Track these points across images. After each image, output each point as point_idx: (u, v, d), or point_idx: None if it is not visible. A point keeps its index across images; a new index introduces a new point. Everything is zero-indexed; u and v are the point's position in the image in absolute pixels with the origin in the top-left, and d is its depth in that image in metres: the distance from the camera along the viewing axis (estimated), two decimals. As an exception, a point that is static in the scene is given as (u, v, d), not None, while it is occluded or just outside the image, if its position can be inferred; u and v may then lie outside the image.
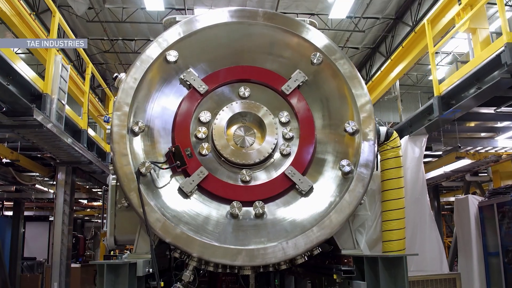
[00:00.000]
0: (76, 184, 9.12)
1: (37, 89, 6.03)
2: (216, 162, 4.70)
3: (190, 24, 4.76)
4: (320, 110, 4.99)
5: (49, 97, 6.15)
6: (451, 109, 6.28)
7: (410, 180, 7.18)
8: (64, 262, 7.89)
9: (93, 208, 13.63)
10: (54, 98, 6.27)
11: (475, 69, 5.83)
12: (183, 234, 4.22)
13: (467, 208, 8.57)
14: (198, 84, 4.66)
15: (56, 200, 7.97)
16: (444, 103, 6.60)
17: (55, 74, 6.33)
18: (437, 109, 6.58)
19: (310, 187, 4.66)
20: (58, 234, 7.94)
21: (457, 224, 9.00)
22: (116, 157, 4.30)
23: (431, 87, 22.54)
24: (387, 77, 15.39)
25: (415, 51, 12.75)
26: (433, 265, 7.17)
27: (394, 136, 5.63)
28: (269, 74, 4.89)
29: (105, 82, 21.38)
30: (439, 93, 6.65)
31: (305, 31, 4.90)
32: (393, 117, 23.95)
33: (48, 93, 6.11)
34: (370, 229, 5.87)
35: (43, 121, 5.82)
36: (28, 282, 12.05)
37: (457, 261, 11.50)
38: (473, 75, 5.92)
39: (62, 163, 8.03)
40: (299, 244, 4.39)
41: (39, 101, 6.08)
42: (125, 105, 4.39)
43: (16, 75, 5.52)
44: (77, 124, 7.72)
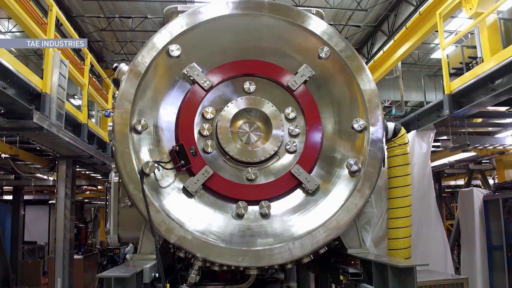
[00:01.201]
0: (76, 172, 8.98)
1: (36, 89, 5.83)
2: (220, 159, 4.59)
3: (193, 17, 4.52)
4: (326, 106, 4.84)
5: (49, 96, 5.95)
6: (462, 109, 6.12)
7: (417, 176, 7.08)
8: (67, 257, 7.85)
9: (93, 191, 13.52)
10: (54, 96, 6.06)
11: (490, 71, 5.64)
12: (188, 235, 4.15)
13: (472, 201, 8.54)
14: (201, 79, 4.47)
15: (57, 195, 7.85)
16: (454, 101, 6.44)
17: (53, 72, 6.10)
18: (447, 107, 6.41)
19: (317, 186, 4.58)
20: (60, 228, 7.86)
21: (461, 216, 8.98)
22: (119, 157, 4.17)
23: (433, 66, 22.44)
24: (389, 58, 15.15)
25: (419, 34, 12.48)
26: (438, 262, 7.17)
27: (402, 132, 5.51)
28: (275, 69, 4.70)
29: (102, 59, 21.09)
30: (449, 91, 6.47)
31: (312, 23, 4.68)
32: (394, 95, 23.79)
33: (47, 92, 5.91)
34: (376, 226, 5.83)
35: (44, 123, 5.64)
36: (30, 268, 12.08)
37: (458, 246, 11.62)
38: (487, 77, 5.73)
39: (63, 157, 7.87)
40: (306, 245, 4.36)
41: (38, 101, 5.88)
42: (127, 102, 4.23)
43: (13, 77, 5.30)
44: (76, 118, 7.52)
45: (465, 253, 8.81)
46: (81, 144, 7.20)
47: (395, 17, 17.64)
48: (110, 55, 20.75)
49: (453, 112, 6.33)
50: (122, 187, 4.60)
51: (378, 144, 4.63)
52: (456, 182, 14.16)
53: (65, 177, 8.03)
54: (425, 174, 7.26)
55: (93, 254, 9.62)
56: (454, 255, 12.26)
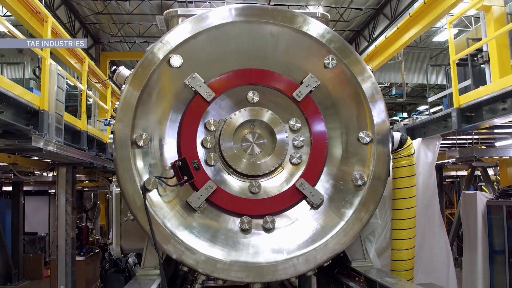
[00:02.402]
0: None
1: (33, 107, 5.65)
2: (224, 171, 4.53)
3: (195, 24, 4.35)
4: (332, 117, 4.73)
5: (47, 113, 5.78)
6: (471, 125, 5.99)
7: (422, 186, 7.00)
8: (69, 263, 7.83)
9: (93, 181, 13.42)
10: (52, 113, 5.89)
11: (503, 91, 5.47)
12: (191, 251, 4.16)
13: (475, 204, 8.50)
14: (204, 91, 4.35)
15: (58, 202, 7.76)
16: (463, 115, 6.30)
17: (51, 87, 5.90)
18: (455, 122, 6.28)
19: (321, 200, 4.55)
20: (62, 235, 7.81)
21: (463, 218, 8.97)
22: (120, 173, 4.12)
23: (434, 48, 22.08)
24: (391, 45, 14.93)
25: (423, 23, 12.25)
26: (440, 270, 7.18)
27: (408, 143, 5.43)
28: (280, 79, 4.56)
29: (99, 41, 20.61)
30: (458, 105, 6.31)
31: (318, 31, 4.51)
32: (394, 77, 23.56)
33: (45, 109, 5.74)
34: (380, 237, 5.81)
35: (43, 145, 5.50)
36: (31, 262, 12.13)
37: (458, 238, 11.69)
38: (499, 96, 5.57)
39: (62, 164, 7.75)
40: (310, 260, 4.38)
41: (36, 118, 5.72)
42: (128, 116, 4.14)
43: (9, 100, 5.12)
44: (75, 126, 7.36)
45: (466, 255, 8.85)
46: (81, 154, 7.09)
47: (398, 1, 17.21)
48: (107, 37, 20.27)
49: (462, 127, 6.20)
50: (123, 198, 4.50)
51: (384, 157, 4.57)
52: (457, 173, 14.12)
53: (65, 182, 7.93)
54: (430, 183, 7.18)
55: (95, 253, 9.64)
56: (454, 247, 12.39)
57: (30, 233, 13.42)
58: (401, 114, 31.62)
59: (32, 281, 11.96)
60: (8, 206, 12.05)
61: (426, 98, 29.15)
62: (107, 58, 20.82)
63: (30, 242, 13.29)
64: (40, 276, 12.22)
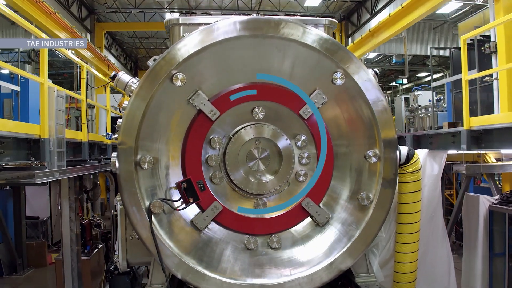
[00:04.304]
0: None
1: (33, 137, 5.51)
2: (229, 188, 4.53)
3: (198, 39, 4.21)
4: (338, 133, 4.67)
5: (47, 140, 5.64)
6: (480, 151, 5.89)
7: (427, 198, 6.98)
8: (75, 269, 7.91)
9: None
10: (53, 138, 5.73)
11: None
12: (197, 271, 4.27)
13: (477, 208, 8.50)
14: (208, 109, 4.26)
15: (62, 211, 7.74)
16: (472, 136, 6.19)
17: (50, 113, 5.71)
18: (464, 143, 6.17)
19: (327, 219, 4.60)
20: (67, 243, 7.84)
21: (465, 220, 9.02)
22: (125, 196, 4.15)
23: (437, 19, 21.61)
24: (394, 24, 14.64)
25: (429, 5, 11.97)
26: (442, 281, 7.31)
27: (415, 158, 5.36)
28: (286, 95, 4.45)
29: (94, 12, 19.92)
30: (468, 126, 6.18)
31: (326, 44, 4.36)
32: (396, 48, 23.11)
33: (45, 137, 5.59)
34: (383, 249, 5.87)
35: (44, 178, 5.41)
36: (35, 249, 12.26)
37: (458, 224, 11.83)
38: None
39: (64, 176, 7.66)
40: (316, 279, 4.50)
41: (37, 145, 5.59)
42: (130, 139, 4.11)
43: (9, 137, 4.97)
44: (76, 139, 7.21)
45: (466, 256, 8.98)
46: (84, 169, 7.01)
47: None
48: (102, 8, 19.59)
49: (471, 148, 6.11)
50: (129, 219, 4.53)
51: (391, 176, 4.60)
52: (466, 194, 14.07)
53: (68, 190, 7.87)
54: (435, 195, 7.16)
55: (98, 249, 9.74)
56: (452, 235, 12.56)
57: (32, 217, 13.45)
58: (401, 81, 31.28)
59: (36, 269, 12.09)
60: (9, 195, 12.02)
61: (427, 66, 28.60)
62: (102, 30, 20.24)
63: (32, 226, 13.36)
64: (44, 262, 12.38)
